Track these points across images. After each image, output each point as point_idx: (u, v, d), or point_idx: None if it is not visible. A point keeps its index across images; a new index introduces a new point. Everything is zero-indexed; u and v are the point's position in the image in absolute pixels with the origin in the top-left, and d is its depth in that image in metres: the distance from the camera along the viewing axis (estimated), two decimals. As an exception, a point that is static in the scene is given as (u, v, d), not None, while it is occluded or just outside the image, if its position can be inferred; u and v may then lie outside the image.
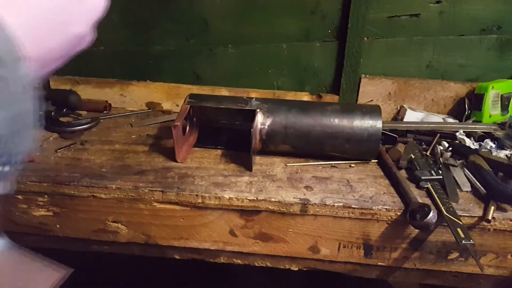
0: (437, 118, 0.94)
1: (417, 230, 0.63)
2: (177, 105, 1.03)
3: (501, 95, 0.93)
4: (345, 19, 0.93)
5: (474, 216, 0.62)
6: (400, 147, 0.78)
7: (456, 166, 0.73)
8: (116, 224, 0.68)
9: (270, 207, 0.63)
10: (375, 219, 0.63)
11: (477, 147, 0.81)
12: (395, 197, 0.66)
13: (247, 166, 0.73)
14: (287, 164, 0.76)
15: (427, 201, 0.65)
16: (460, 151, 0.78)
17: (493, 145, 0.81)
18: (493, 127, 0.87)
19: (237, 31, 0.98)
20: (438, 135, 0.84)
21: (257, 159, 0.77)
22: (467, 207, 0.64)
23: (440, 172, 0.71)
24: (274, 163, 0.76)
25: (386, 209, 0.63)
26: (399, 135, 0.85)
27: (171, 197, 0.65)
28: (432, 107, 0.99)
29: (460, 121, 0.95)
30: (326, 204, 0.63)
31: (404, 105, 0.98)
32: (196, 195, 0.64)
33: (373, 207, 0.63)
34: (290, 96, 1.01)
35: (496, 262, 0.65)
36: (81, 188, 0.66)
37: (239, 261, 0.71)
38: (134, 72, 1.03)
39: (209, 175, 0.70)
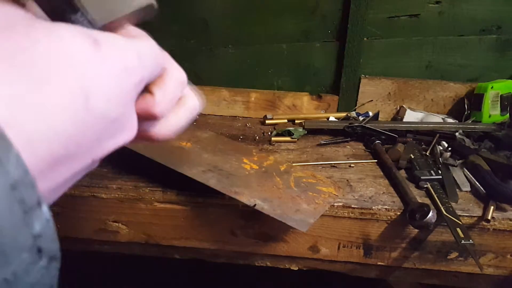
0: (436, 118, 0.94)
1: (416, 230, 0.63)
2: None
3: (501, 95, 0.93)
4: (345, 19, 0.93)
5: (474, 216, 0.62)
6: (400, 147, 0.78)
7: (456, 166, 0.73)
8: (117, 224, 0.68)
9: (270, 207, 0.64)
10: (375, 219, 0.63)
11: (477, 147, 0.81)
12: (395, 197, 0.66)
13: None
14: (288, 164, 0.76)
15: (427, 201, 0.65)
16: (460, 151, 0.78)
17: (493, 145, 0.81)
18: (492, 127, 0.87)
19: (237, 31, 0.98)
20: (438, 135, 0.84)
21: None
22: (466, 207, 0.64)
23: (440, 172, 0.71)
24: (274, 163, 0.76)
25: (385, 209, 0.63)
26: (399, 135, 0.85)
27: (171, 197, 0.65)
28: (432, 107, 0.99)
29: (460, 121, 0.95)
30: (326, 204, 0.63)
31: (404, 105, 0.98)
32: (197, 194, 0.64)
33: (373, 207, 0.63)
34: (290, 96, 1.01)
35: (496, 262, 0.65)
36: (81, 188, 0.66)
37: (239, 261, 0.71)
38: (134, 72, 1.03)
39: (209, 175, 0.70)
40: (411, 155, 0.76)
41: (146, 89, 0.29)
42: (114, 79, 0.21)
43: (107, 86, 0.20)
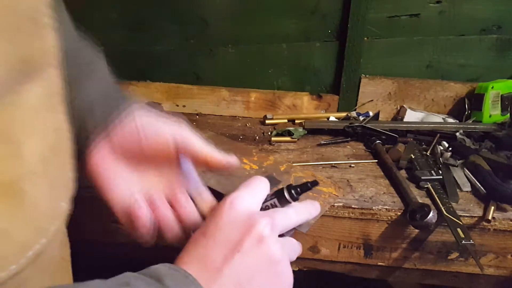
0: (437, 118, 0.94)
1: (417, 230, 0.63)
2: (177, 105, 1.03)
3: (501, 95, 0.93)
4: (345, 19, 0.93)
5: (474, 216, 0.62)
6: (400, 147, 0.78)
7: (456, 166, 0.73)
8: (116, 225, 0.68)
9: (270, 207, 0.64)
10: (375, 219, 0.63)
11: (477, 147, 0.81)
12: (395, 197, 0.66)
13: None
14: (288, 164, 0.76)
15: (427, 201, 0.65)
16: (460, 151, 0.78)
17: (493, 145, 0.81)
18: (493, 127, 0.87)
19: (237, 31, 0.98)
20: (438, 135, 0.84)
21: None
22: (467, 207, 0.64)
23: (440, 172, 0.71)
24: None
25: (386, 209, 0.63)
26: (399, 135, 0.85)
27: (171, 197, 0.65)
28: (432, 107, 0.99)
29: (460, 121, 0.95)
30: (326, 204, 0.63)
31: (404, 105, 0.98)
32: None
33: (373, 207, 0.63)
34: (290, 96, 1.01)
35: (496, 262, 0.65)
36: (81, 189, 0.65)
37: (239, 261, 0.71)
38: (134, 72, 1.03)
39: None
40: (412, 155, 0.76)
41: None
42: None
43: None
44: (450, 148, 0.79)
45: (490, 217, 0.61)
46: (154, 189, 0.42)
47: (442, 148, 0.79)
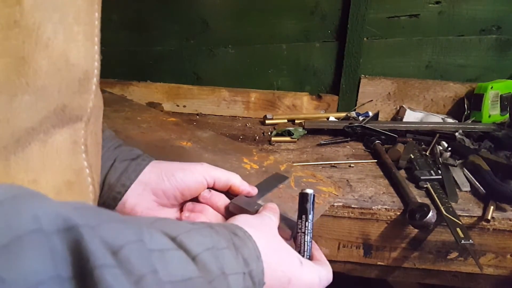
0: (436, 118, 0.95)
1: (416, 230, 0.63)
2: (177, 105, 1.03)
3: (500, 95, 0.93)
4: (345, 19, 0.93)
5: (474, 216, 0.62)
6: (400, 147, 0.78)
7: (456, 166, 0.74)
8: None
9: (270, 207, 0.64)
10: (375, 218, 0.63)
11: (476, 147, 0.81)
12: (395, 197, 0.66)
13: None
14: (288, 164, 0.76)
15: (427, 201, 0.65)
16: (460, 151, 0.78)
17: (492, 145, 0.81)
18: (492, 127, 0.87)
19: (237, 31, 0.98)
20: (438, 135, 0.85)
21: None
22: (466, 207, 0.64)
23: (440, 172, 0.71)
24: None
25: (385, 209, 0.63)
26: (399, 135, 0.85)
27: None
28: (432, 107, 0.99)
29: (460, 121, 0.95)
30: (325, 204, 0.63)
31: (404, 105, 0.98)
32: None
33: (373, 207, 0.63)
34: (290, 96, 1.01)
35: (496, 261, 0.65)
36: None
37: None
38: (134, 72, 1.03)
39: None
40: (411, 155, 0.76)
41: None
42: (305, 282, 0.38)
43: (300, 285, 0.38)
44: (449, 148, 0.79)
45: (489, 217, 0.61)
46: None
47: (441, 148, 0.80)
